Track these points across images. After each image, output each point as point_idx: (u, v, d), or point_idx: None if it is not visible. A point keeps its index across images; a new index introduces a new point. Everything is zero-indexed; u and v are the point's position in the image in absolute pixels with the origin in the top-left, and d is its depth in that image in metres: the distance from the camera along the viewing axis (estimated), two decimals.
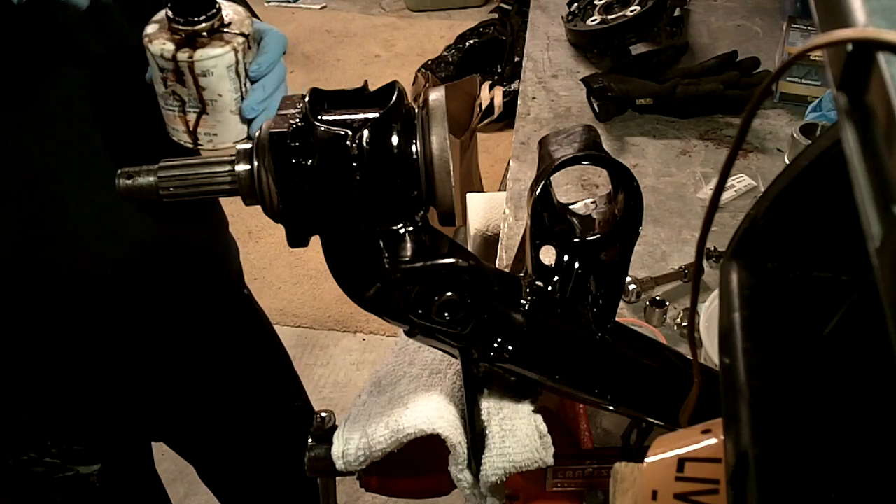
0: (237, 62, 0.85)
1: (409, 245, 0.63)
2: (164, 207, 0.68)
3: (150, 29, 0.86)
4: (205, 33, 0.84)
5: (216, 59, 0.84)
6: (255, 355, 1.32)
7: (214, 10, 0.85)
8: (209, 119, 0.87)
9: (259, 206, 0.63)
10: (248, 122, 0.88)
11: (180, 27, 0.84)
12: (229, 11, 0.87)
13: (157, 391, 1.19)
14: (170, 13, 0.84)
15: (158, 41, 0.84)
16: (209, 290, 1.19)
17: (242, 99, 0.87)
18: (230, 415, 1.30)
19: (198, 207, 1.13)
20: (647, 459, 0.54)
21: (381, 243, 0.62)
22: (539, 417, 0.72)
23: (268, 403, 1.34)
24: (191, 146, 0.89)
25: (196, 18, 0.84)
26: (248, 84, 0.88)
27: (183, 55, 0.83)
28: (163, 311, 1.11)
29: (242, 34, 0.86)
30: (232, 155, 0.63)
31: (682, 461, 0.52)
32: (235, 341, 1.27)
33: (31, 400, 1.07)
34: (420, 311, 0.64)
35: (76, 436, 1.11)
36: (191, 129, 0.88)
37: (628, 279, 1.08)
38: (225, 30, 0.85)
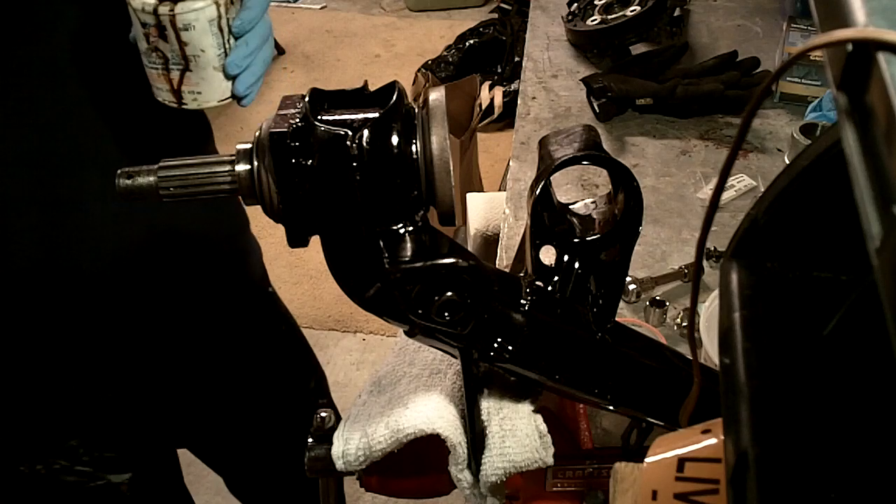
0: (219, 16, 0.84)
1: (409, 245, 0.63)
2: (185, 205, 0.67)
3: None
4: None
5: (197, 13, 0.82)
6: (280, 356, 1.31)
7: None
8: (192, 76, 0.86)
9: (259, 206, 0.63)
10: (233, 78, 0.87)
11: None
12: None
13: (182, 393, 1.18)
14: None
15: None
16: (232, 289, 1.18)
17: (226, 55, 0.86)
18: (255, 418, 1.29)
19: (218, 206, 1.12)
20: (647, 459, 0.54)
21: (381, 243, 0.62)
22: (539, 417, 0.72)
23: (293, 406, 1.33)
24: (175, 106, 0.88)
25: None
26: (232, 40, 0.86)
27: (164, 8, 0.82)
28: (186, 310, 1.10)
29: None
30: (232, 155, 0.63)
31: (682, 461, 0.52)
32: (260, 341, 1.26)
33: (60, 404, 1.06)
34: (420, 311, 0.64)
35: (108, 442, 1.10)
36: (175, 87, 0.86)
37: (628, 279, 1.08)
38: None
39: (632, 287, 1.09)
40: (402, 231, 0.63)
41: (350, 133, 0.59)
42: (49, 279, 0.96)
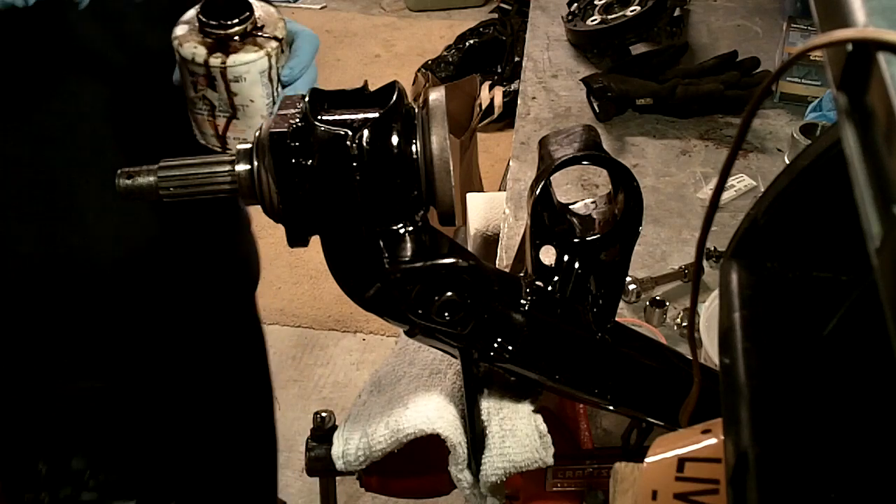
0: (270, 67, 0.82)
1: (409, 245, 0.63)
2: (181, 207, 0.67)
3: (180, 31, 0.82)
4: (237, 37, 0.81)
5: (249, 65, 0.81)
6: (245, 365, 1.29)
7: (248, 14, 0.81)
8: (239, 124, 0.84)
9: (259, 206, 0.63)
10: None
11: (212, 30, 0.80)
12: (261, 13, 0.83)
13: (176, 411, 1.17)
14: (201, 16, 0.80)
15: (189, 45, 0.80)
16: (222, 289, 1.17)
17: (274, 103, 0.84)
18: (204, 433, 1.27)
19: (218, 207, 1.11)
20: (647, 459, 0.54)
21: (381, 243, 0.62)
22: (539, 417, 0.72)
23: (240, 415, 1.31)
24: (220, 150, 0.86)
25: (229, 22, 0.80)
26: (280, 88, 0.85)
27: (215, 60, 0.80)
28: (175, 310, 1.10)
29: (276, 38, 0.83)
30: (232, 155, 0.63)
31: (682, 461, 0.52)
32: (233, 349, 1.25)
33: (64, 416, 1.05)
34: (420, 311, 0.64)
35: (113, 465, 1.08)
36: (220, 133, 0.85)
37: (628, 279, 1.08)
38: (257, 33, 0.82)
39: (632, 287, 1.09)
40: (402, 231, 0.63)
41: (350, 133, 0.59)
42: (48, 284, 0.96)
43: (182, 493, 1.35)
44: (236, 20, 0.80)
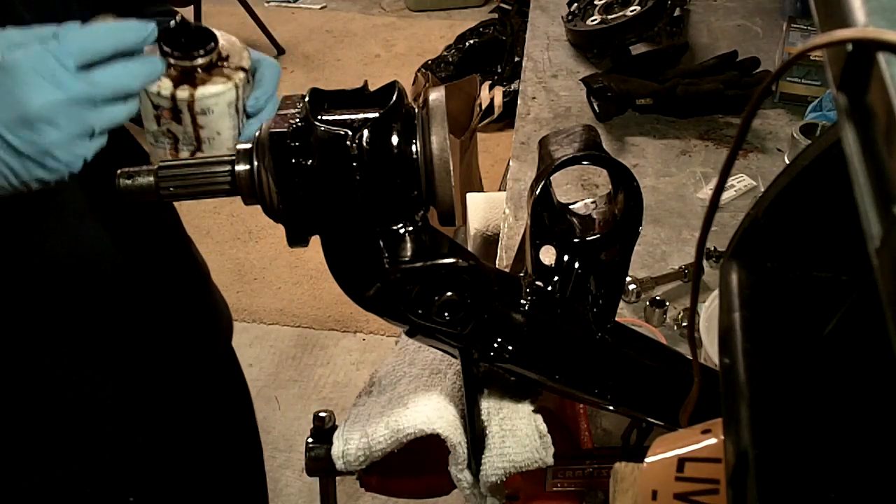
0: (237, 98, 0.80)
1: (409, 245, 0.63)
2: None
3: None
4: (203, 68, 0.78)
5: (218, 98, 0.78)
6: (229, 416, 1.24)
7: (213, 44, 0.78)
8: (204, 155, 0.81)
9: (259, 206, 0.63)
10: None
11: (177, 62, 0.77)
12: (224, 43, 0.81)
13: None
14: (165, 47, 0.77)
15: None
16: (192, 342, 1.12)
17: (240, 134, 0.81)
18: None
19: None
20: (647, 459, 0.54)
21: (381, 243, 0.62)
22: (539, 417, 0.72)
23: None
24: None
25: (195, 53, 0.78)
26: (245, 118, 0.82)
27: (182, 93, 0.77)
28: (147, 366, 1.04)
29: (242, 68, 0.80)
30: (232, 155, 0.63)
31: (682, 461, 0.52)
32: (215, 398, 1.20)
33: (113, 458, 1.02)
34: (420, 311, 0.64)
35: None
36: None
37: (628, 279, 1.08)
38: (223, 64, 0.80)
39: (632, 287, 1.09)
40: (402, 231, 0.63)
41: (350, 133, 0.59)
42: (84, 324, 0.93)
43: None
44: (202, 51, 0.78)
